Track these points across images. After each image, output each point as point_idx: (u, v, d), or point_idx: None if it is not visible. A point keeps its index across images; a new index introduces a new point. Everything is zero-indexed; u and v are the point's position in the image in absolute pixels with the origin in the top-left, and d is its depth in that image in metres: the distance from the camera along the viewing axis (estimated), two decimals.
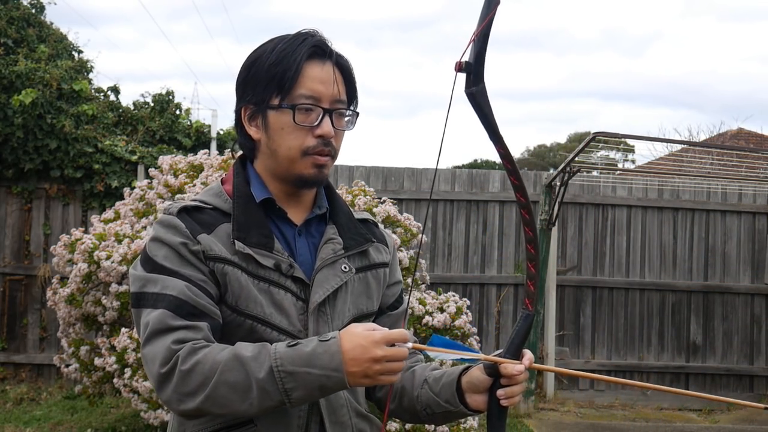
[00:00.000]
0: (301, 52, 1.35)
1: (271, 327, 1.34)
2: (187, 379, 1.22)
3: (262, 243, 1.35)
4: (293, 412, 1.34)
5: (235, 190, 1.40)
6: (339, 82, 1.38)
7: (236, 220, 1.36)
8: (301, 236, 1.43)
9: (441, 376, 1.42)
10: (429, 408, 1.42)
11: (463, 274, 6.74)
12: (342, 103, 1.39)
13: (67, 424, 5.39)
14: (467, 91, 1.23)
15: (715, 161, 6.80)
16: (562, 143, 30.85)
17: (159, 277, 1.30)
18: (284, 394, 1.20)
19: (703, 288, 6.86)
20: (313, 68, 1.36)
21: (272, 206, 1.41)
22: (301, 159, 1.37)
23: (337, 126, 1.39)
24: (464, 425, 4.15)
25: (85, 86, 6.79)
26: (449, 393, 1.39)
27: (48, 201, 6.63)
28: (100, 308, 4.23)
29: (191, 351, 1.23)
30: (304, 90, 1.35)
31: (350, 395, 1.41)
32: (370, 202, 4.50)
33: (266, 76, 1.36)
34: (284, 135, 1.37)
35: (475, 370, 1.37)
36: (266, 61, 1.36)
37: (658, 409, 6.67)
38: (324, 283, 1.38)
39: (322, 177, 1.40)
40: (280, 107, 1.36)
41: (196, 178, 4.51)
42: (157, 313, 1.27)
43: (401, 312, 1.55)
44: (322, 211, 1.46)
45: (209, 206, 1.39)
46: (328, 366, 1.19)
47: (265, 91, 1.37)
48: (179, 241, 1.32)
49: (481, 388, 1.36)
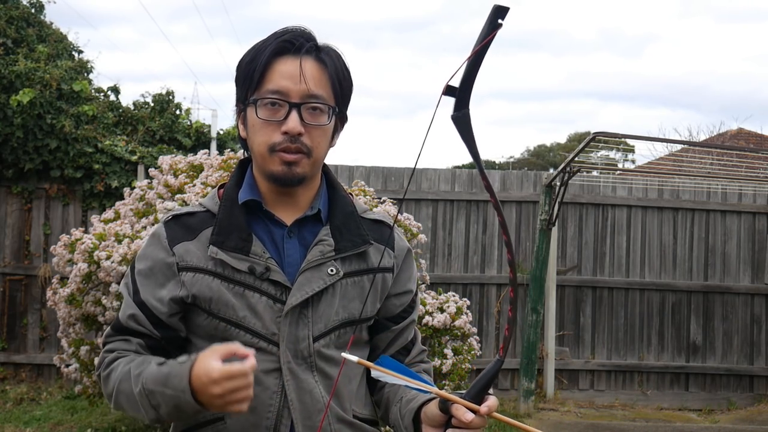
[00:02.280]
0: (270, 47, 1.35)
1: (245, 330, 1.35)
2: (104, 383, 1.38)
3: (239, 247, 1.35)
4: (261, 412, 1.34)
5: (224, 193, 1.42)
6: (312, 77, 1.34)
7: (219, 223, 1.37)
8: (292, 238, 1.40)
9: (411, 399, 1.36)
10: (394, 428, 1.41)
11: (463, 274, 6.74)
12: (316, 98, 1.35)
13: (67, 424, 5.39)
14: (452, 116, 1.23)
15: (715, 161, 6.80)
16: (561, 143, 30.84)
17: (126, 294, 1.43)
18: (153, 410, 1.27)
19: (703, 288, 6.86)
20: (281, 64, 1.35)
21: (261, 208, 1.41)
22: (269, 156, 1.35)
23: (310, 121, 1.34)
24: None
25: (85, 86, 6.78)
26: (408, 420, 1.35)
27: (48, 201, 6.63)
28: (100, 308, 4.23)
29: (112, 360, 1.38)
30: (272, 85, 1.34)
31: (333, 401, 1.38)
32: (370, 202, 4.50)
33: (242, 73, 1.38)
34: (255, 131, 1.37)
35: (432, 403, 1.28)
36: (245, 59, 1.38)
37: (658, 409, 6.67)
38: (305, 285, 1.35)
39: (292, 174, 1.35)
40: (250, 103, 1.36)
41: (196, 178, 4.50)
42: (110, 326, 1.45)
43: (407, 324, 1.50)
44: (314, 212, 1.42)
45: (203, 210, 1.42)
46: (178, 387, 1.21)
47: (242, 89, 1.39)
48: (158, 257, 1.40)
49: (435, 423, 1.26)
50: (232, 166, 4.42)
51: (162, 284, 1.38)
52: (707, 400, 6.81)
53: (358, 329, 1.43)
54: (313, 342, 1.37)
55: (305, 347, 1.36)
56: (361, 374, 1.47)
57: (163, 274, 1.38)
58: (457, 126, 1.22)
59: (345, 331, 1.40)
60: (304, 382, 1.36)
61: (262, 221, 1.40)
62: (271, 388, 1.35)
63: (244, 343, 1.29)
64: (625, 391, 6.82)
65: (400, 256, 1.49)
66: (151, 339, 1.39)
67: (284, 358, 1.35)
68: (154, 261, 1.39)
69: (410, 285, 1.51)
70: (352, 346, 1.41)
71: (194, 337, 1.41)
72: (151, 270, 1.39)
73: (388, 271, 1.46)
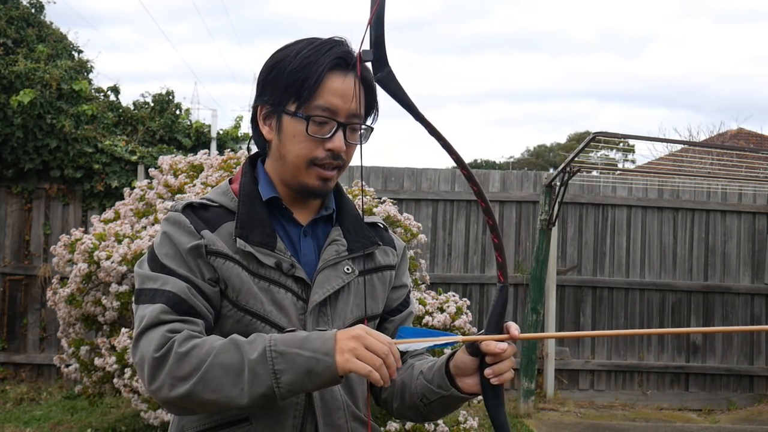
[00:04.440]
0: (324, 62, 1.33)
1: (270, 324, 1.34)
2: (182, 361, 1.21)
3: (264, 242, 1.35)
4: (288, 411, 1.34)
5: (242, 189, 1.41)
6: (359, 96, 1.36)
7: (240, 218, 1.36)
8: (307, 237, 1.43)
9: (434, 364, 1.41)
10: (425, 397, 1.41)
11: (463, 274, 6.74)
12: (358, 118, 1.37)
13: (67, 424, 5.39)
14: (375, 78, 1.23)
15: (715, 161, 6.80)
16: (561, 143, 30.85)
17: (159, 275, 1.31)
18: (273, 377, 1.18)
19: (703, 288, 6.86)
20: (333, 80, 1.34)
21: (278, 206, 1.42)
22: (307, 169, 1.37)
23: (350, 140, 1.38)
24: (464, 425, 4.15)
25: (85, 86, 6.78)
26: (440, 377, 1.37)
27: (48, 201, 6.63)
28: (100, 308, 4.23)
29: (188, 336, 1.24)
30: (322, 102, 1.33)
31: (348, 399, 1.40)
32: (370, 202, 4.49)
33: (286, 80, 1.35)
34: (295, 142, 1.36)
35: (459, 352, 1.34)
36: (288, 65, 1.35)
37: (658, 409, 6.67)
38: (325, 283, 1.38)
39: (326, 189, 1.39)
40: (296, 115, 1.35)
41: (196, 178, 4.50)
42: (155, 307, 1.27)
43: (405, 315, 1.54)
44: (329, 212, 1.45)
45: (215, 204, 1.40)
46: (319, 350, 1.19)
47: (283, 96, 1.36)
48: (183, 241, 1.32)
49: (468, 371, 1.33)
50: (232, 166, 4.42)
51: (193, 268, 1.32)
52: (707, 400, 6.81)
53: (370, 326, 1.44)
54: None
55: None
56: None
57: (192, 259, 1.32)
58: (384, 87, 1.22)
59: None
60: None
61: (277, 219, 1.42)
62: None
63: None
64: (625, 391, 6.82)
65: (399, 254, 1.56)
66: (207, 322, 1.31)
67: None
68: (180, 246, 1.32)
69: (405, 279, 1.56)
70: None
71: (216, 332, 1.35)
72: (179, 254, 1.32)
73: (392, 269, 1.52)
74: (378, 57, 1.20)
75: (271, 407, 1.32)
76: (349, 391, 1.41)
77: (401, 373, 1.47)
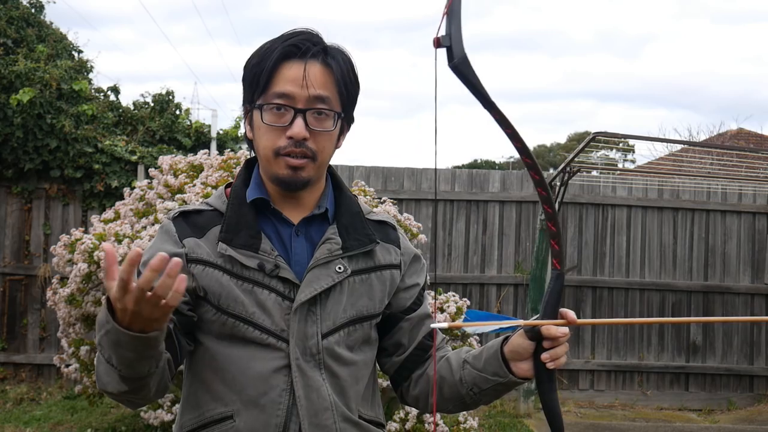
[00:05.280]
0: (276, 51, 1.35)
1: (254, 326, 1.36)
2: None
3: (248, 244, 1.36)
4: (271, 410, 1.34)
5: (232, 192, 1.43)
6: (318, 81, 1.35)
7: (227, 221, 1.38)
8: (300, 236, 1.42)
9: (481, 353, 1.42)
10: (476, 386, 1.41)
11: (463, 274, 6.74)
12: (323, 102, 1.36)
13: (67, 424, 5.39)
14: (450, 65, 1.22)
15: (715, 161, 6.80)
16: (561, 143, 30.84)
17: None
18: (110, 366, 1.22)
19: (703, 288, 6.86)
20: (287, 68, 1.35)
21: (267, 206, 1.42)
22: (274, 159, 1.37)
23: (316, 126, 1.36)
24: (464, 425, 4.15)
25: (84, 86, 6.78)
26: (495, 365, 1.38)
27: (48, 201, 6.62)
28: (100, 308, 4.23)
29: None
30: (277, 89, 1.35)
31: (339, 399, 1.39)
32: (370, 202, 4.49)
33: (249, 76, 1.39)
34: (261, 135, 1.38)
35: (516, 337, 1.36)
36: (251, 62, 1.39)
37: (658, 409, 6.67)
38: (313, 282, 1.37)
39: (298, 178, 1.37)
40: (256, 107, 1.37)
41: (196, 178, 4.50)
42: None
43: (422, 314, 1.53)
44: (321, 210, 1.44)
45: (210, 208, 1.42)
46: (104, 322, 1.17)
47: (248, 92, 1.40)
48: (166, 249, 1.34)
49: (525, 355, 1.35)
50: (232, 166, 4.42)
51: None
52: (707, 400, 6.81)
53: (366, 327, 1.44)
54: (321, 339, 1.38)
55: (314, 344, 1.37)
56: (368, 376, 1.48)
57: None
58: (458, 74, 1.21)
59: (354, 328, 1.42)
60: (312, 379, 1.37)
61: (269, 220, 1.42)
62: (280, 386, 1.35)
63: (253, 339, 1.35)
64: (625, 391, 6.82)
65: (407, 255, 1.53)
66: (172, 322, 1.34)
67: (293, 354, 1.36)
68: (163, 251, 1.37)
69: (417, 279, 1.54)
70: (362, 343, 1.44)
71: (203, 336, 1.40)
72: None
73: (395, 268, 1.49)
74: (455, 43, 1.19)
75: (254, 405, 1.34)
76: (338, 391, 1.40)
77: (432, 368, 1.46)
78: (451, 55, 1.20)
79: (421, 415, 3.93)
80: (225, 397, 1.36)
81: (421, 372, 1.50)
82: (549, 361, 1.32)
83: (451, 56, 1.20)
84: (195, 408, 1.40)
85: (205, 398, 1.38)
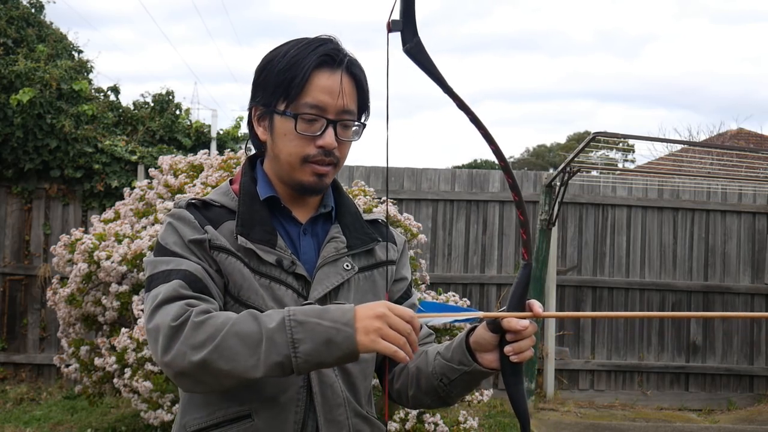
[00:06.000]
0: (311, 60, 1.35)
1: None
2: (198, 329, 1.20)
3: (265, 239, 1.37)
4: (290, 407, 1.34)
5: (242, 188, 1.43)
6: (347, 92, 1.37)
7: (241, 216, 1.38)
8: (306, 235, 1.45)
9: (451, 343, 1.42)
10: (445, 377, 1.41)
11: (463, 274, 6.74)
12: (349, 114, 1.39)
13: (67, 424, 5.39)
14: (404, 49, 1.21)
15: (715, 161, 6.80)
16: (561, 143, 30.85)
17: (172, 258, 1.32)
18: (291, 346, 1.17)
19: (703, 288, 6.86)
20: (320, 77, 1.35)
21: (277, 204, 1.43)
22: (300, 166, 1.38)
23: (342, 137, 1.39)
24: (464, 425, 4.15)
25: (84, 86, 6.78)
26: (460, 354, 1.38)
27: (48, 201, 6.62)
28: (100, 308, 4.23)
29: (205, 309, 1.24)
30: (310, 99, 1.35)
31: (350, 395, 1.41)
32: (370, 202, 4.49)
33: (275, 80, 1.37)
34: (286, 141, 1.38)
35: (480, 329, 1.35)
36: (277, 66, 1.37)
37: (658, 409, 6.67)
38: (324, 280, 1.40)
39: (322, 185, 1.41)
40: (285, 114, 1.36)
41: (196, 178, 4.50)
42: (171, 283, 1.28)
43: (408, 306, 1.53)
44: (327, 209, 1.47)
45: (217, 204, 1.42)
46: (339, 320, 1.19)
47: (272, 96, 1.38)
48: (187, 233, 1.34)
49: (488, 347, 1.34)
50: (232, 166, 4.42)
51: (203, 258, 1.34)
52: (707, 400, 6.81)
53: None
54: None
55: None
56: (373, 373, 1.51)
57: (198, 250, 1.34)
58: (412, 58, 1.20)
59: None
60: (326, 376, 1.38)
61: (277, 218, 1.43)
62: (297, 383, 1.36)
63: None
64: (625, 391, 6.82)
65: (399, 249, 1.59)
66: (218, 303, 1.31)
67: None
68: (184, 238, 1.34)
69: (405, 272, 1.58)
70: None
71: None
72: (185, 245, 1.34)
73: (393, 264, 1.54)
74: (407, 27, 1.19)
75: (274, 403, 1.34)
76: (350, 387, 1.42)
77: (414, 360, 1.48)
78: (404, 39, 1.19)
79: (421, 415, 3.94)
80: (240, 396, 1.35)
81: (403, 366, 1.51)
82: (512, 354, 1.30)
83: (405, 40, 1.19)
84: (201, 407, 1.38)
85: (214, 397, 1.36)
